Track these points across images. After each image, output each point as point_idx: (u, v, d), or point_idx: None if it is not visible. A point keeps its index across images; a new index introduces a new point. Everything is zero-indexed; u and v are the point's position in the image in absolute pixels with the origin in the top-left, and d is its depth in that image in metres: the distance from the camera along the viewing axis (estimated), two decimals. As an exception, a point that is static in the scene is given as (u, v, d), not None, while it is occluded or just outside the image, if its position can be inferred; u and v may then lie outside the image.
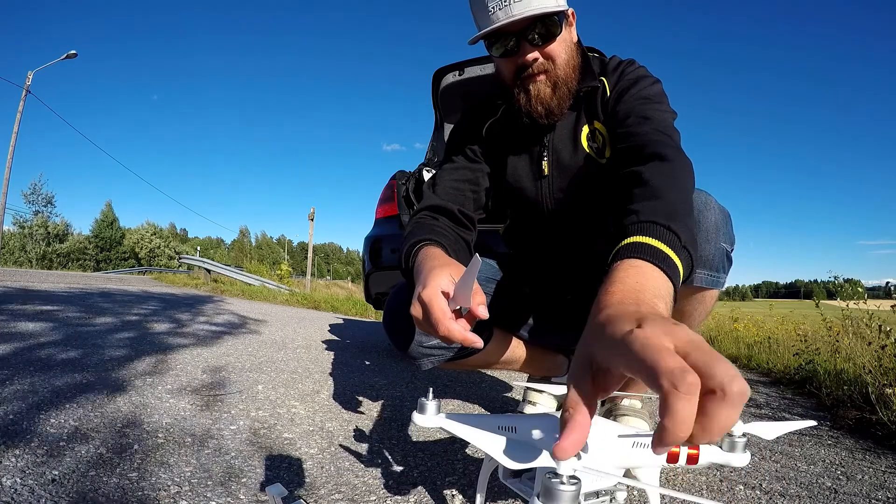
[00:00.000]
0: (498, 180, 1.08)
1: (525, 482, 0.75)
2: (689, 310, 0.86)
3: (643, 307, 0.43)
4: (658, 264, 0.53)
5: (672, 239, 0.56)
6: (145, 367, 1.80)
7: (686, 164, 0.74)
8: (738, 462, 0.61)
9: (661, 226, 0.57)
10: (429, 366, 0.99)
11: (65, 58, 16.56)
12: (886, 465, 1.30)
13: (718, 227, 0.79)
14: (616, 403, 1.19)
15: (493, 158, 1.08)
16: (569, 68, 0.93)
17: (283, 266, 13.44)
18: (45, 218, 27.21)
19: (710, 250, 0.80)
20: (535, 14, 0.84)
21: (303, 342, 2.95)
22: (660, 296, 0.48)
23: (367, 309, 6.51)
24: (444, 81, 2.10)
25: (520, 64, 0.91)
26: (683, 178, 0.70)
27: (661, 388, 0.31)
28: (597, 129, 0.97)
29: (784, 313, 5.59)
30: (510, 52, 0.91)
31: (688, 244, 0.58)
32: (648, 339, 0.34)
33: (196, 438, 1.14)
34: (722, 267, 0.82)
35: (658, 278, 0.51)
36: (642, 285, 0.48)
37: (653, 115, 0.86)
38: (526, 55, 0.90)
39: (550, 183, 1.01)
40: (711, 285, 0.81)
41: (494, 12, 0.86)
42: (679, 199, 0.63)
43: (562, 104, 0.94)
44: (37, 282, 6.28)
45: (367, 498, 0.93)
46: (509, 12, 0.85)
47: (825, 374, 2.26)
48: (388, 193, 2.33)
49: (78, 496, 0.81)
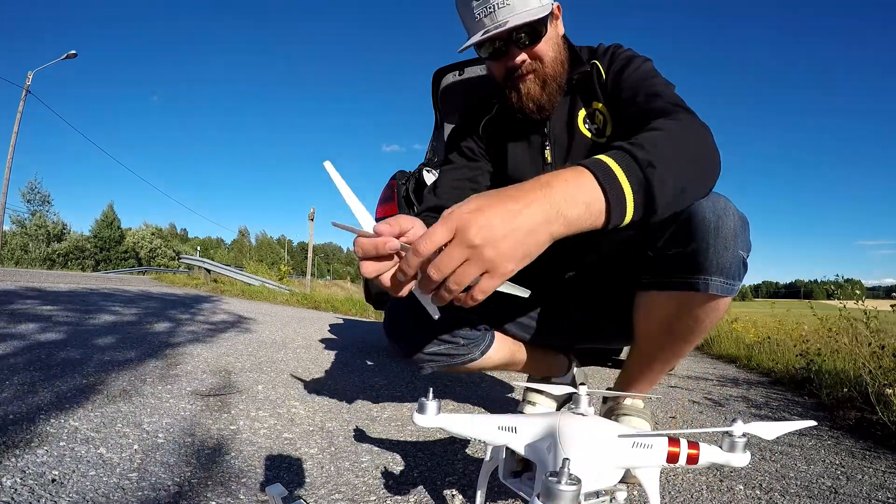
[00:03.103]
0: (499, 175, 1.09)
1: (525, 482, 0.75)
2: (703, 317, 0.84)
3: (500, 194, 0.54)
4: (593, 170, 0.58)
5: (624, 158, 0.60)
6: (145, 367, 1.80)
7: (698, 122, 0.75)
8: (738, 462, 0.61)
9: (622, 150, 0.61)
10: (430, 370, 1.00)
11: (65, 58, 16.56)
12: (886, 465, 1.30)
13: (737, 234, 0.76)
14: (618, 403, 1.19)
15: (492, 154, 1.10)
16: (556, 64, 0.97)
17: (282, 266, 13.44)
18: (44, 217, 27.21)
19: (728, 258, 0.76)
20: (518, 24, 0.88)
21: (303, 342, 2.95)
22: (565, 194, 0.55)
23: (366, 309, 6.51)
24: (444, 81, 2.10)
25: (509, 66, 0.95)
26: (688, 132, 0.71)
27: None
28: (597, 110, 1.00)
29: (783, 313, 5.59)
30: (499, 53, 0.95)
31: (644, 167, 0.59)
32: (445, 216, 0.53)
33: (196, 438, 1.14)
34: (738, 274, 0.79)
35: (574, 182, 0.57)
36: (548, 181, 0.56)
37: (660, 90, 0.88)
38: (514, 58, 0.94)
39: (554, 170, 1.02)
40: (726, 293, 0.79)
41: (480, 19, 0.90)
42: (663, 139, 0.65)
43: (552, 99, 0.98)
44: (37, 281, 6.27)
45: (367, 498, 0.93)
46: (495, 18, 0.89)
47: (825, 374, 2.26)
48: (388, 193, 2.32)
49: (78, 496, 0.81)
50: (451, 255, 0.51)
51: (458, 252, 0.51)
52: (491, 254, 0.51)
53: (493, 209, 0.52)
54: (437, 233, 0.51)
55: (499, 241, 0.51)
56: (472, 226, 0.51)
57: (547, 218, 0.53)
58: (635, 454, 0.62)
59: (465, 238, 0.51)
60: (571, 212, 0.55)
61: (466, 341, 0.99)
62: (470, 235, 0.50)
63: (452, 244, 0.51)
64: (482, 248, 0.51)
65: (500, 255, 0.51)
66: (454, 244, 0.51)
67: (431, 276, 0.51)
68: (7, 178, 15.60)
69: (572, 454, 0.59)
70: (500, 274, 0.53)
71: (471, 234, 0.50)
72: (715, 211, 0.75)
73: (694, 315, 0.85)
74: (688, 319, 0.85)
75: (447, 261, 0.51)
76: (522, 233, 0.52)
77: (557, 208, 0.54)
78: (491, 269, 0.52)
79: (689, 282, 0.78)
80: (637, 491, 0.99)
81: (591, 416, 0.68)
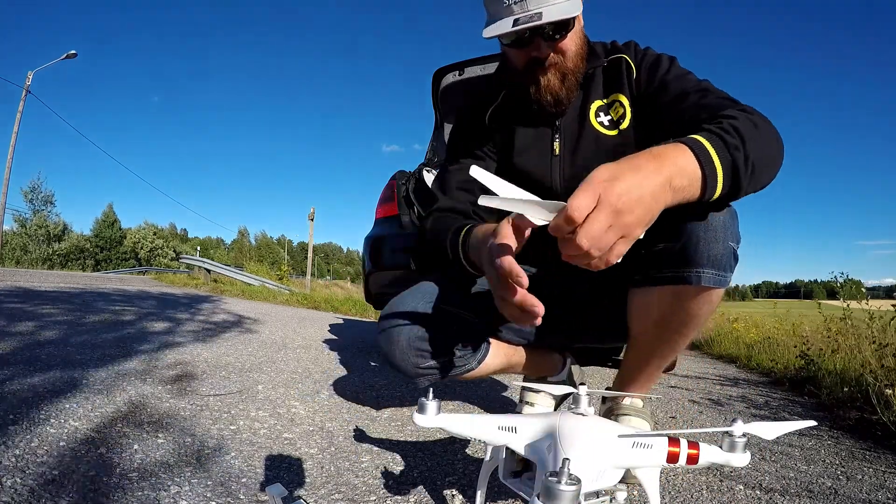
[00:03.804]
0: (504, 163, 1.07)
1: (525, 482, 0.75)
2: (696, 310, 0.85)
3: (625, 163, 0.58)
4: (691, 147, 0.64)
5: (717, 141, 0.66)
6: (145, 368, 1.80)
7: (759, 114, 0.79)
8: (738, 462, 0.61)
9: (713, 133, 0.67)
10: (426, 384, 0.97)
11: (65, 58, 16.56)
12: (886, 465, 1.30)
13: (727, 226, 0.79)
14: (617, 403, 1.19)
15: (498, 144, 1.07)
16: (578, 59, 0.95)
17: (282, 266, 13.44)
18: (45, 217, 27.20)
19: (718, 249, 0.79)
20: (555, 21, 0.85)
21: (303, 342, 2.95)
22: (668, 162, 0.61)
23: (366, 309, 6.51)
24: (444, 81, 2.10)
25: (532, 57, 0.92)
26: (760, 122, 0.76)
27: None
28: (617, 101, 0.99)
29: (783, 313, 5.59)
30: (523, 43, 0.91)
31: (731, 149, 0.66)
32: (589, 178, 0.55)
33: (196, 438, 1.14)
34: (729, 266, 0.82)
35: (681, 156, 0.63)
36: (659, 154, 0.62)
37: (706, 86, 0.89)
38: (540, 50, 0.91)
39: (562, 162, 1.02)
40: (719, 285, 0.81)
41: (509, 4, 0.85)
42: (745, 128, 0.70)
43: (570, 93, 0.97)
44: (37, 281, 6.28)
45: (367, 498, 0.93)
46: (526, 7, 0.84)
47: (825, 374, 2.26)
48: (389, 193, 2.32)
49: (78, 496, 0.81)
50: (599, 220, 0.53)
51: (603, 218, 0.53)
52: (629, 219, 0.55)
53: (627, 177, 0.56)
54: (584, 201, 0.53)
55: (634, 207, 0.55)
56: (612, 193, 0.54)
57: (664, 186, 0.59)
58: (635, 454, 0.62)
59: (608, 204, 0.54)
60: (678, 182, 0.61)
61: (462, 353, 0.97)
62: (612, 201, 0.54)
63: (598, 211, 0.54)
64: (623, 214, 0.55)
65: (636, 220, 0.56)
66: (599, 211, 0.54)
67: (581, 245, 0.54)
68: (7, 178, 15.61)
69: (572, 454, 0.59)
70: (633, 238, 0.57)
71: (612, 199, 0.54)
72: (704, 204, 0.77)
73: (687, 308, 0.86)
74: (681, 313, 0.86)
75: (596, 227, 0.53)
76: (650, 199, 0.57)
77: (670, 179, 0.60)
78: (627, 233, 0.56)
79: (682, 275, 0.80)
80: (637, 491, 0.99)
81: (590, 415, 0.68)
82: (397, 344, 0.91)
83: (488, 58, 1.95)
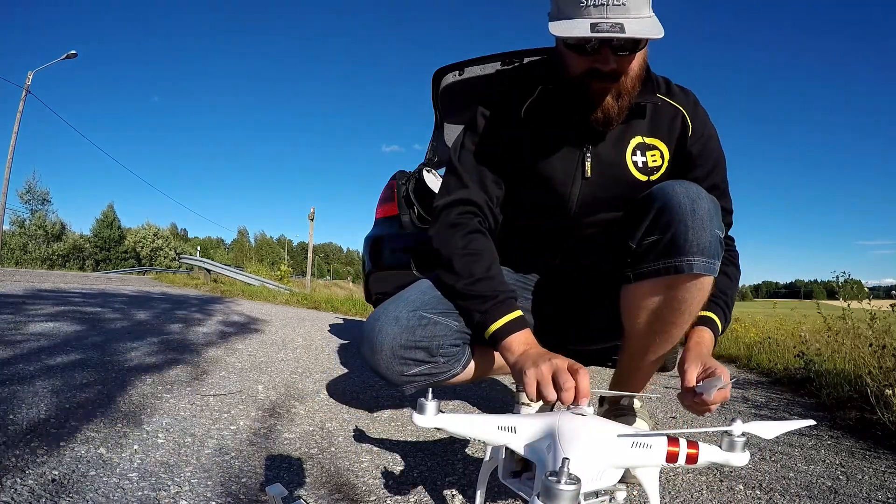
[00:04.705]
0: (525, 162, 1.02)
1: (525, 482, 0.75)
2: (689, 298, 0.87)
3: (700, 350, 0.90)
4: (712, 330, 0.95)
5: (723, 315, 0.98)
6: (145, 368, 1.80)
7: (735, 253, 1.07)
8: (737, 462, 0.61)
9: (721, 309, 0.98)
10: (413, 391, 0.95)
11: (65, 58, 16.56)
12: (886, 465, 1.30)
13: (711, 216, 0.83)
14: (616, 402, 1.19)
15: (525, 140, 1.01)
16: (636, 81, 0.90)
17: (282, 266, 13.45)
18: (43, 217, 27.18)
19: (706, 238, 0.82)
20: (640, 38, 0.79)
21: (303, 342, 2.95)
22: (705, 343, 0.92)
23: (366, 309, 6.51)
24: (444, 81, 2.10)
25: (594, 67, 0.86)
26: (737, 275, 1.04)
27: None
28: (658, 149, 0.98)
29: (784, 313, 5.58)
30: (588, 51, 0.85)
31: (728, 317, 1.00)
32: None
33: (196, 438, 1.15)
34: (717, 253, 0.85)
35: (709, 337, 0.94)
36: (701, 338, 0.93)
37: (724, 188, 1.05)
38: (606, 62, 0.84)
39: (589, 186, 0.99)
40: (708, 272, 0.84)
41: (587, 6, 0.78)
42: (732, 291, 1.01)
43: (621, 114, 0.92)
44: (37, 282, 6.28)
45: (367, 498, 0.93)
46: (605, 14, 0.78)
47: (825, 374, 2.26)
48: (389, 193, 2.32)
49: (78, 496, 0.81)
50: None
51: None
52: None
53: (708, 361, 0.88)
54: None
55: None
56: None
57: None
58: (635, 454, 0.62)
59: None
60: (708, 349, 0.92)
61: (446, 359, 0.94)
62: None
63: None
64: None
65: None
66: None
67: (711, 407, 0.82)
68: (7, 178, 15.61)
69: (572, 454, 0.59)
70: None
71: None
72: (689, 196, 0.83)
73: (680, 298, 0.87)
74: (674, 303, 0.88)
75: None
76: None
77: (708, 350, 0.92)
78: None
79: (673, 265, 0.83)
80: (637, 491, 0.99)
81: (590, 415, 0.68)
82: (381, 353, 0.89)
83: (488, 58, 1.95)
